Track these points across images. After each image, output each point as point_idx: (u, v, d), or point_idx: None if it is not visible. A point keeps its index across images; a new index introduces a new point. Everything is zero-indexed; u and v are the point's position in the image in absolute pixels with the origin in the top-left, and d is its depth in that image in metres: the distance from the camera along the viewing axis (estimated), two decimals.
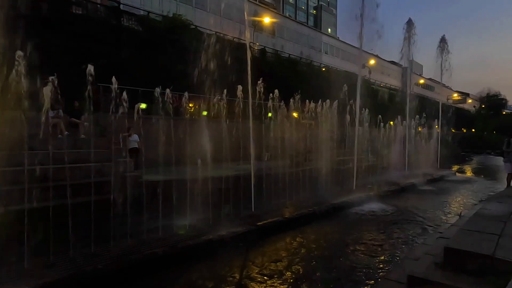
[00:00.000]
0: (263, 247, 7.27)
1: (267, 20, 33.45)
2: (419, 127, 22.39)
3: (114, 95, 6.64)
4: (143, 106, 10.42)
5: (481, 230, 4.93)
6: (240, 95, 9.09)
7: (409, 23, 19.66)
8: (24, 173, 5.46)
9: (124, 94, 6.65)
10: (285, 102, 11.38)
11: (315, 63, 34.87)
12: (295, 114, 12.19)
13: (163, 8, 28.59)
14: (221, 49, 9.04)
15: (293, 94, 11.76)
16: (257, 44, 31.78)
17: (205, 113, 10.45)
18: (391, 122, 19.44)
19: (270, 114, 11.09)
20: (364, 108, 14.40)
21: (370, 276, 5.91)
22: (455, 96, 70.80)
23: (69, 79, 8.66)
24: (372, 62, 38.08)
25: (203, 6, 36.69)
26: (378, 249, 7.36)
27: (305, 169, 12.03)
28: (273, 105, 10.70)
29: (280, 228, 8.22)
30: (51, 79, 5.59)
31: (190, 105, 13.55)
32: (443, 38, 22.84)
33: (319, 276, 5.96)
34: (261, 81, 9.75)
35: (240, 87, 8.99)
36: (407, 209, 10.97)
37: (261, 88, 9.73)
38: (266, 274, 5.96)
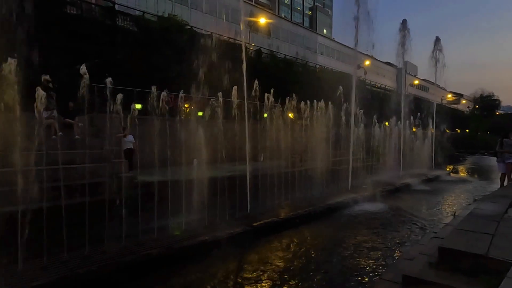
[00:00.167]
0: (258, 248, 7.27)
1: (262, 20, 33.42)
2: (413, 127, 22.51)
3: (109, 96, 6.59)
4: (138, 106, 10.33)
5: (475, 230, 4.97)
6: (236, 95, 9.06)
7: (404, 24, 19.83)
8: (17, 174, 5.40)
9: (119, 95, 6.60)
10: (280, 103, 11.38)
11: (310, 64, 34.92)
12: (290, 115, 12.18)
13: (159, 8, 28.48)
14: (216, 49, 9.01)
15: (289, 95, 11.75)
16: (252, 44, 31.77)
17: (200, 113, 10.40)
18: (386, 123, 19.51)
19: (266, 115, 11.08)
20: (359, 109, 14.44)
21: (366, 276, 5.95)
22: (449, 96, 71.23)
23: (63, 79, 8.58)
24: (367, 63, 38.21)
25: (198, 6, 36.63)
26: (373, 249, 7.39)
27: (300, 170, 12.05)
28: (268, 105, 10.69)
29: (275, 229, 8.22)
30: (45, 79, 5.53)
31: (185, 105, 13.47)
32: (438, 39, 23.06)
33: (314, 276, 5.96)
34: (256, 81, 9.74)
35: (235, 88, 8.97)
36: (402, 209, 11.02)
37: (256, 88, 9.71)
38: (262, 275, 5.96)
